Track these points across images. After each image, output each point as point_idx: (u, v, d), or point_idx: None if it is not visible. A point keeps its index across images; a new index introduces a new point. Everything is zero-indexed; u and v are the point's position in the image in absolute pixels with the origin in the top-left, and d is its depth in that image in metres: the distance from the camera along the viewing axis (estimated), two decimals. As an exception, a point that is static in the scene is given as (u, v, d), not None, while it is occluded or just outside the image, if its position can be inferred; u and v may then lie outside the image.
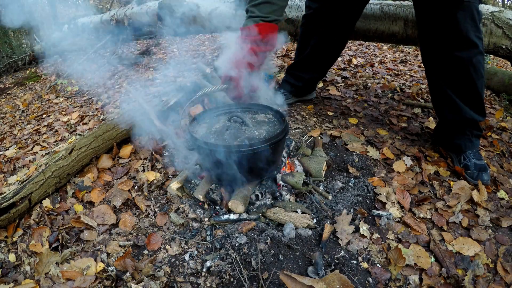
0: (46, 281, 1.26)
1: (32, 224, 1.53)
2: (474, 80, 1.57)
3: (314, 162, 1.65)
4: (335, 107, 2.36)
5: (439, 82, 1.67)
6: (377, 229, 1.38)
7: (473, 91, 1.61)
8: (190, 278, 1.21)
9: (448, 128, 1.77)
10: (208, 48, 4.50)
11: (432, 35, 1.56)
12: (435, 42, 1.57)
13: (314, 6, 1.95)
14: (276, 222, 1.41)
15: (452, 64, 1.57)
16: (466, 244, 1.33)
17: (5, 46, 7.45)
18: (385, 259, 1.26)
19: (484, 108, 1.68)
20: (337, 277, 1.07)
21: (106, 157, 1.87)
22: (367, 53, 4.15)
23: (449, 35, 1.49)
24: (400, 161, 1.77)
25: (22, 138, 2.71)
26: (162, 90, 2.79)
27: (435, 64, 1.65)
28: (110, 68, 3.91)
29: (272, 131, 1.45)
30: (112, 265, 1.30)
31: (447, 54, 1.55)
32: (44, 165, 1.78)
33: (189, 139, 1.41)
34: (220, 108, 1.69)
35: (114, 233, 1.45)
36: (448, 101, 1.68)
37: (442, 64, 1.61)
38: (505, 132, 2.14)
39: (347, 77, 3.04)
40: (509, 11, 2.05)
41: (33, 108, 3.58)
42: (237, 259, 1.22)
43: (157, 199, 1.60)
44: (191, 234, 1.39)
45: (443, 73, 1.63)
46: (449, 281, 1.19)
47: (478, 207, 1.50)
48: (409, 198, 1.52)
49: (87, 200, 1.64)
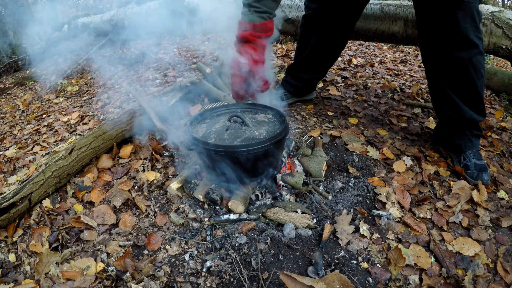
0: (46, 281, 1.26)
1: (32, 224, 1.53)
2: (474, 80, 1.57)
3: (314, 162, 1.65)
4: (335, 107, 2.36)
5: (439, 82, 1.67)
6: (377, 229, 1.38)
7: (473, 91, 1.61)
8: (190, 278, 1.21)
9: (448, 128, 1.77)
10: (208, 48, 4.50)
11: (432, 35, 1.56)
12: (435, 42, 1.56)
13: (313, 7, 1.94)
14: (276, 222, 1.41)
15: (452, 64, 1.57)
16: (466, 244, 1.33)
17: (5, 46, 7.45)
18: (385, 259, 1.26)
19: (484, 108, 1.68)
20: (337, 277, 1.07)
21: (106, 157, 1.87)
22: (367, 53, 4.15)
23: (449, 35, 1.49)
24: (400, 161, 1.77)
25: (22, 138, 2.71)
26: (162, 90, 2.79)
27: (435, 64, 1.65)
28: (110, 68, 3.90)
29: (272, 131, 1.45)
30: (112, 265, 1.30)
31: (447, 54, 1.55)
32: (44, 165, 1.78)
33: (189, 139, 1.41)
34: (220, 108, 1.69)
35: (114, 233, 1.45)
36: (448, 101, 1.68)
37: (442, 64, 1.60)
38: (505, 132, 2.14)
39: (347, 77, 3.04)
40: (509, 11, 2.05)
41: (33, 108, 3.58)
42: (237, 259, 1.22)
43: (157, 199, 1.60)
44: (191, 234, 1.39)
45: (443, 73, 1.63)
46: (449, 281, 1.19)
47: (478, 207, 1.50)
48: (409, 198, 1.52)
49: (87, 200, 1.64)
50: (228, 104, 1.74)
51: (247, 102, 1.73)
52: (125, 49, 4.79)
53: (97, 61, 4.12)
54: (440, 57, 1.59)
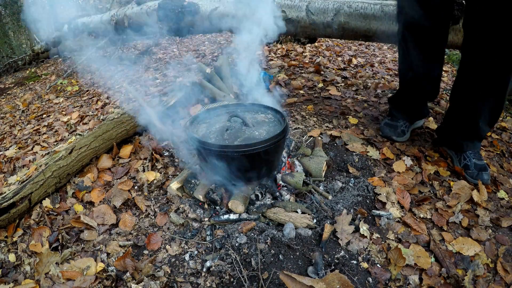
0: (46, 281, 1.26)
1: (32, 224, 1.53)
2: (504, 98, 1.56)
3: (314, 162, 1.65)
4: (335, 107, 2.36)
5: (472, 93, 1.59)
6: (377, 229, 1.38)
7: (499, 108, 1.60)
8: (190, 278, 1.21)
9: (454, 130, 1.77)
10: (208, 48, 4.50)
11: (491, 52, 1.43)
12: (491, 59, 1.44)
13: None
14: (276, 222, 1.41)
15: (500, 83, 1.50)
16: (466, 244, 1.33)
17: (5, 46, 7.45)
18: (385, 259, 1.26)
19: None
20: (337, 277, 1.07)
21: (106, 157, 1.87)
22: (367, 53, 4.15)
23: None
24: (400, 161, 1.77)
25: (22, 138, 2.71)
26: (162, 90, 2.79)
27: (479, 77, 1.53)
28: (110, 68, 3.90)
29: (272, 131, 1.44)
30: (112, 265, 1.30)
31: (500, 75, 1.47)
32: (44, 165, 1.78)
33: (189, 139, 1.41)
34: (220, 108, 1.69)
35: (114, 233, 1.45)
36: (470, 111, 1.64)
37: (487, 80, 1.51)
38: (505, 132, 2.14)
39: (347, 77, 3.04)
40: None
41: (33, 108, 3.58)
42: (237, 259, 1.22)
43: (157, 199, 1.60)
44: (191, 234, 1.39)
45: (482, 87, 1.54)
46: (449, 281, 1.19)
47: (478, 207, 1.50)
48: (409, 198, 1.52)
49: (87, 200, 1.64)
50: (228, 104, 1.74)
51: (247, 102, 1.73)
52: (125, 49, 4.79)
53: (97, 61, 4.12)
54: (493, 70, 1.48)
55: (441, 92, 2.77)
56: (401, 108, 1.98)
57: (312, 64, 3.43)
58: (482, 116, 1.62)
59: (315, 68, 3.20)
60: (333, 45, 4.42)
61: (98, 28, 3.96)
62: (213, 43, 4.77)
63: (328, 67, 3.33)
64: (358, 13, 2.19)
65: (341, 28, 2.29)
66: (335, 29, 2.31)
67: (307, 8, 2.34)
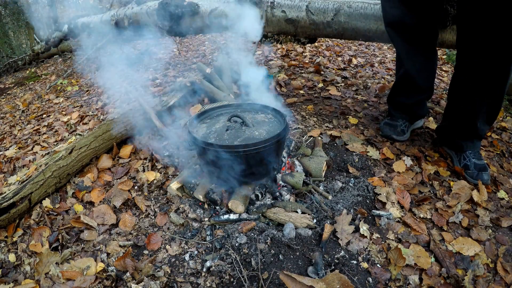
0: (46, 281, 1.26)
1: (32, 224, 1.53)
2: (503, 92, 1.54)
3: (314, 162, 1.64)
4: (335, 107, 2.36)
5: (471, 90, 1.58)
6: (377, 229, 1.38)
7: (498, 103, 1.59)
8: (190, 278, 1.21)
9: (453, 129, 1.77)
10: (208, 48, 4.50)
11: (488, 43, 1.40)
12: (488, 50, 1.41)
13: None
14: (276, 222, 1.41)
15: (499, 75, 1.47)
16: (466, 244, 1.33)
17: (5, 46, 7.45)
18: (385, 259, 1.26)
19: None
20: (337, 277, 1.07)
21: (106, 157, 1.87)
22: (367, 53, 4.15)
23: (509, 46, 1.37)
24: (400, 161, 1.77)
25: (22, 138, 2.71)
26: (162, 90, 2.79)
27: (477, 72, 1.51)
28: (110, 68, 3.90)
29: (272, 131, 1.44)
30: (112, 265, 1.30)
31: (500, 65, 1.44)
32: (44, 165, 1.78)
33: (189, 139, 1.41)
34: (220, 108, 1.69)
35: (114, 233, 1.45)
36: (468, 108, 1.63)
37: (486, 73, 1.48)
38: (505, 132, 2.14)
39: (347, 77, 3.04)
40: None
41: (33, 108, 3.58)
42: (237, 259, 1.22)
43: (157, 199, 1.60)
44: (191, 234, 1.39)
45: (480, 83, 1.52)
46: (449, 281, 1.19)
47: (478, 207, 1.50)
48: (409, 198, 1.52)
49: (87, 200, 1.64)
50: (228, 104, 1.74)
51: (247, 102, 1.73)
52: (125, 49, 4.79)
53: (97, 61, 4.12)
54: (489, 67, 1.46)
55: (441, 92, 2.77)
56: (399, 107, 1.98)
57: (312, 64, 3.43)
58: (480, 113, 1.62)
59: (315, 68, 3.20)
60: (333, 45, 4.42)
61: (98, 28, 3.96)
62: (213, 43, 4.76)
63: (328, 67, 3.33)
64: (358, 13, 2.19)
65: (341, 28, 2.29)
66: (335, 29, 2.31)
67: (307, 8, 2.34)
